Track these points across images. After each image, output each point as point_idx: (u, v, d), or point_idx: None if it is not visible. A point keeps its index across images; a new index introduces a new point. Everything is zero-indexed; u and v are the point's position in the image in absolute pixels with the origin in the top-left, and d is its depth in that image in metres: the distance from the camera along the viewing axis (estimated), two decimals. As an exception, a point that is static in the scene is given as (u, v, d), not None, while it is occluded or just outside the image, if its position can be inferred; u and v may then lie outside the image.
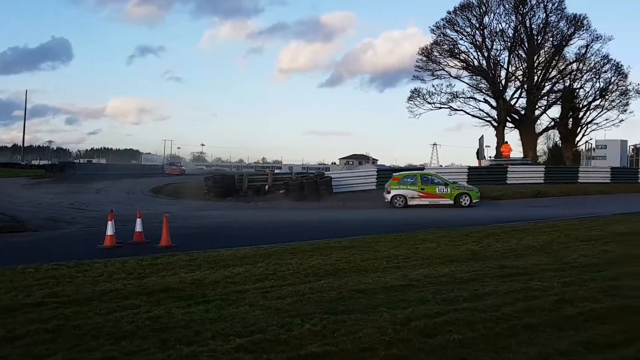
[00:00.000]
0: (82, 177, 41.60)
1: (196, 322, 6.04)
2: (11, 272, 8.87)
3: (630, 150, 44.49)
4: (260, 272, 8.94)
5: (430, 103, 48.10)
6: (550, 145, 67.61)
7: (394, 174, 27.33)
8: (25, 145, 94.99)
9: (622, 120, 48.02)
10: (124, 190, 35.34)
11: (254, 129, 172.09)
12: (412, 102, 48.55)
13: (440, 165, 77.46)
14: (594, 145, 43.68)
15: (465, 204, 24.68)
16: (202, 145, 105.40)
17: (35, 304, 6.92)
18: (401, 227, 14.61)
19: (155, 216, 16.65)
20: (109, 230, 12.26)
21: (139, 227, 12.85)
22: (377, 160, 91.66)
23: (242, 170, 66.70)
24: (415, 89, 48.93)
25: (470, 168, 35.53)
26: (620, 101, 47.83)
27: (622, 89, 47.71)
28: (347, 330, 5.69)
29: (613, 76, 47.69)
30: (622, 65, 47.50)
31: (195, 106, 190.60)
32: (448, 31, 47.32)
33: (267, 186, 31.02)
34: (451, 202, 24.87)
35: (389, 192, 25.29)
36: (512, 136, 51.42)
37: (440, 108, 48.30)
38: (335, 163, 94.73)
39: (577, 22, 46.48)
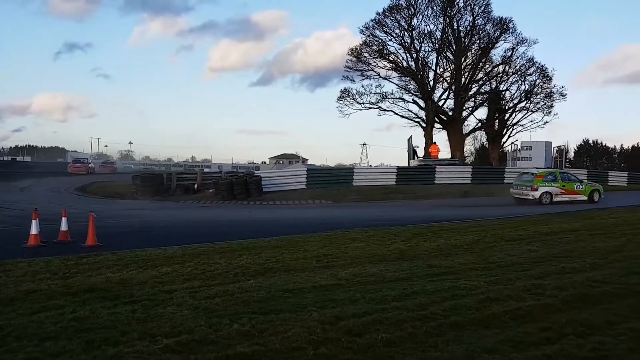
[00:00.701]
0: (6, 175, 39.87)
1: (122, 323, 5.90)
2: None
3: (555, 151, 46.14)
4: (188, 271, 8.80)
5: (359, 103, 48.49)
6: (478, 146, 69.55)
7: (537, 171, 27.26)
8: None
9: (547, 122, 49.90)
10: (49, 189, 34.14)
11: (184, 127, 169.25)
12: (341, 102, 48.82)
13: (370, 165, 78.24)
14: (519, 147, 45.01)
15: (596, 199, 25.71)
16: (130, 143, 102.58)
17: (-48, 305, 6.61)
18: (331, 226, 14.65)
19: (81, 215, 16.16)
20: (33, 229, 11.81)
21: (64, 226, 12.42)
22: (307, 159, 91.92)
23: (171, 169, 65.43)
24: (344, 89, 49.20)
25: (399, 168, 36.06)
26: (545, 103, 49.60)
27: (546, 91, 49.45)
28: (275, 330, 5.69)
29: (538, 79, 49.37)
30: (546, 68, 49.26)
31: (124, 104, 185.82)
32: (377, 32, 47.78)
33: (196, 185, 30.68)
34: (585, 198, 25.69)
35: (535, 190, 24.96)
36: (441, 137, 52.64)
37: (370, 108, 48.75)
38: (265, 162, 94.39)
39: (503, 25, 47.82)
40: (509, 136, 50.61)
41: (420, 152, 47.06)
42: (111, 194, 31.16)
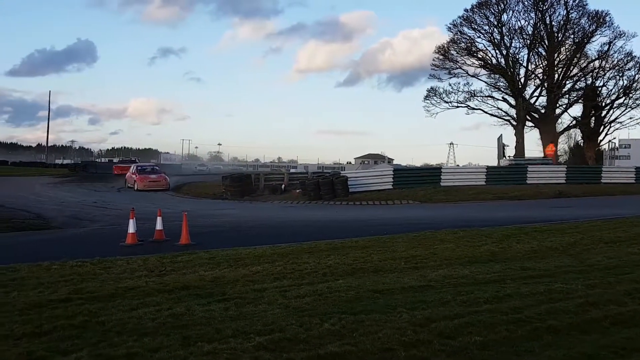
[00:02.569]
0: (104, 176, 41.91)
1: (216, 320, 6.04)
2: (37, 269, 8.96)
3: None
4: (278, 270, 8.92)
5: (447, 102, 47.87)
6: (572, 144, 67.04)
7: None
8: (49, 145, 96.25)
9: (647, 118, 47.46)
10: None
11: (271, 128, 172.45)
12: (428, 101, 48.36)
13: (458, 165, 76.98)
14: (617, 145, 43.10)
15: None
16: (219, 144, 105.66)
17: (61, 300, 6.98)
18: (418, 227, 14.49)
19: (175, 214, 16.73)
20: (131, 228, 12.34)
21: (159, 225, 12.90)
22: (392, 159, 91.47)
23: (258, 169, 66.70)
24: (431, 88, 48.73)
25: (488, 168, 35.24)
26: (645, 99, 47.17)
27: (646, 86, 47.02)
28: (366, 331, 5.66)
29: (637, 74, 47.06)
30: (646, 62, 46.81)
31: (214, 106, 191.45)
32: (465, 29, 46.99)
33: (283, 185, 31.16)
34: None
35: None
36: (532, 135, 51.02)
37: (458, 107, 48.08)
38: (350, 163, 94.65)
39: (599, 19, 45.90)
40: (606, 134, 48.55)
41: (511, 151, 45.94)
42: (201, 194, 32.12)
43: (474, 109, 48.04)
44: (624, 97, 47.12)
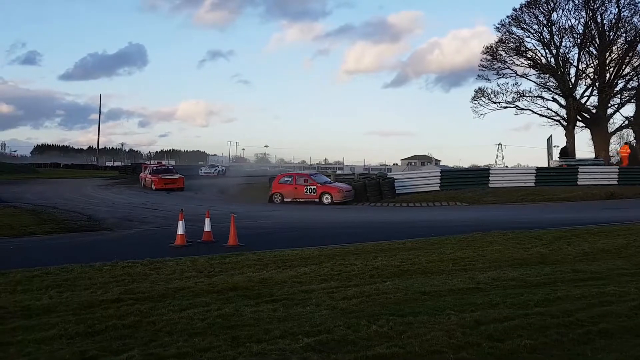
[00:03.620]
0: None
1: (265, 321, 6.11)
2: (90, 270, 9.23)
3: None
4: (325, 272, 8.97)
5: (495, 102, 47.14)
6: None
7: None
8: (100, 147, 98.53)
9: (701, 117, 45.94)
10: (192, 191, 36.16)
11: (318, 130, 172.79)
12: (476, 101, 47.71)
13: (506, 166, 75.80)
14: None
15: None
16: (266, 146, 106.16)
17: (112, 300, 7.17)
18: (467, 228, 14.34)
19: (223, 216, 16.95)
20: (180, 230, 12.57)
21: (207, 227, 13.10)
22: (439, 161, 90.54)
23: (304, 171, 66.96)
24: (479, 89, 48.05)
25: (538, 169, 34.58)
26: (699, 98, 45.66)
27: (701, 84, 45.52)
28: (414, 333, 5.65)
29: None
30: (702, 60, 45.31)
31: (261, 108, 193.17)
32: (514, 29, 46.18)
33: (330, 187, 31.12)
34: None
35: None
36: (583, 136, 50.05)
37: (506, 107, 47.28)
38: (397, 164, 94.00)
39: (653, 17, 44.62)
40: (660, 134, 47.02)
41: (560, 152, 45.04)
42: (249, 196, 32.40)
43: (522, 109, 47.28)
44: (677, 97, 45.75)
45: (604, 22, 45.39)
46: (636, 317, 6.21)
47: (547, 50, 45.98)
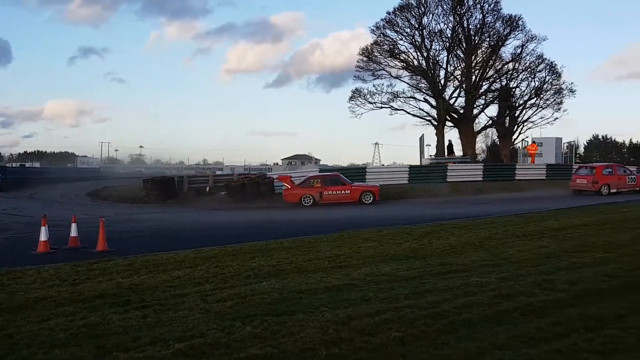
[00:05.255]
0: (15, 181, 40.11)
1: (134, 328, 5.91)
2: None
3: (565, 147, 45.84)
4: (200, 275, 8.80)
5: (371, 103, 48.23)
6: (489, 143, 69.22)
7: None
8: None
9: (557, 118, 49.41)
10: (58, 195, 34.39)
11: (197, 130, 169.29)
12: (353, 102, 48.57)
13: (383, 165, 78.17)
14: (530, 143, 44.81)
15: None
16: (141, 147, 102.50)
17: (-36, 313, 6.65)
18: (343, 226, 14.62)
19: (92, 220, 16.24)
20: (43, 236, 11.87)
21: (74, 232, 12.48)
22: (319, 160, 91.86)
23: (182, 172, 65.53)
24: (356, 89, 48.91)
25: (411, 167, 35.98)
26: (555, 100, 49.08)
27: (556, 87, 48.93)
28: (288, 332, 5.68)
29: (547, 75, 48.92)
30: (556, 64, 48.73)
31: (137, 107, 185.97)
32: (388, 31, 47.49)
33: (208, 188, 30.75)
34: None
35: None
36: (452, 135, 52.08)
37: (382, 108, 48.50)
38: (277, 164, 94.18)
39: (513, 23, 47.42)
40: (520, 133, 50.27)
41: (432, 151, 47.07)
42: (122, 198, 31.29)
43: (397, 109, 48.65)
44: (535, 98, 48.92)
45: (470, 27, 47.80)
46: (496, 305, 6.57)
47: (418, 53, 47.73)
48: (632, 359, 4.98)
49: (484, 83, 49.19)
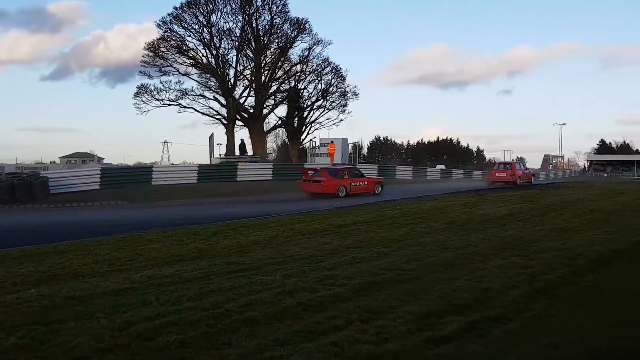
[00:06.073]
0: None
1: None
2: None
3: (350, 147, 48.50)
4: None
5: (158, 100, 46.85)
6: (279, 143, 71.21)
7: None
8: None
9: (342, 119, 52.52)
10: None
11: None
12: (139, 98, 46.84)
13: (172, 164, 76.69)
14: (318, 144, 46.76)
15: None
16: None
17: None
18: (126, 228, 13.99)
19: None
20: None
21: None
22: (103, 158, 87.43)
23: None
24: (142, 85, 47.14)
25: (200, 166, 35.73)
26: (340, 102, 52.05)
27: (341, 90, 51.87)
28: (58, 341, 5.33)
29: (333, 78, 51.64)
30: (340, 68, 51.64)
31: None
32: (175, 27, 46.42)
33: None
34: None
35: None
36: (243, 134, 52.61)
37: (169, 105, 47.40)
38: (55, 162, 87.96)
39: (300, 26, 49.14)
40: (308, 133, 52.33)
41: (222, 150, 47.16)
42: None
43: (185, 107, 47.85)
44: (322, 100, 51.40)
45: (259, 27, 48.64)
46: (280, 302, 6.71)
47: (207, 51, 47.44)
48: (400, 347, 5.33)
49: (273, 83, 50.41)
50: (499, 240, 11.72)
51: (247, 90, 49.41)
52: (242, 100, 48.97)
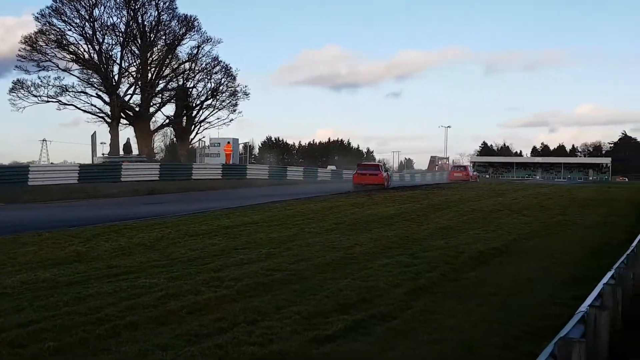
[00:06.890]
0: None
1: None
2: None
3: (241, 148, 48.27)
4: None
5: (36, 96, 44.56)
6: (167, 142, 69.69)
7: None
8: None
9: (233, 119, 52.23)
10: None
11: None
12: (14, 94, 44.37)
13: (52, 163, 72.88)
14: (207, 143, 46.17)
15: None
16: None
17: None
18: (0, 231, 13.17)
19: None
20: None
21: None
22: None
23: None
24: (18, 80, 44.68)
25: (81, 166, 34.29)
26: (230, 101, 51.72)
27: (231, 89, 51.57)
28: None
29: (223, 77, 51.20)
30: (231, 67, 51.30)
31: None
32: (55, 20, 44.33)
33: None
34: None
35: None
36: (128, 133, 51.04)
37: (48, 102, 45.23)
38: None
39: (189, 23, 48.38)
40: (197, 133, 51.60)
41: (106, 149, 45.60)
42: None
43: (66, 104, 45.81)
44: (211, 99, 50.86)
45: (145, 23, 47.41)
46: (163, 306, 6.57)
47: (90, 46, 45.67)
48: (286, 347, 5.36)
49: (160, 81, 49.43)
50: (385, 240, 12.07)
51: (132, 88, 48.15)
52: (127, 98, 47.64)
